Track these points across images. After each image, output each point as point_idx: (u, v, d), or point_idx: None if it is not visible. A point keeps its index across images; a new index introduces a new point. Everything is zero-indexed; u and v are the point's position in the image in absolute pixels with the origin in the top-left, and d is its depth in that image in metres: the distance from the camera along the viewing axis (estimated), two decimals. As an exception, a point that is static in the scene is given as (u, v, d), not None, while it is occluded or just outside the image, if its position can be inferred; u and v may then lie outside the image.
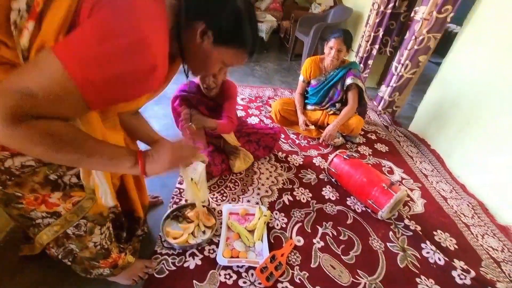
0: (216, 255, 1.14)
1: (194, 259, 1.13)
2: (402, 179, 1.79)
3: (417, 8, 2.11)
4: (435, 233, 1.42)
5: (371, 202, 1.42)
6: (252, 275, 1.10)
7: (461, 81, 1.94)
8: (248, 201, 1.46)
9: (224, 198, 1.46)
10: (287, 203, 1.48)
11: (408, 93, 2.46)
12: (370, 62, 2.91)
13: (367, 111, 2.20)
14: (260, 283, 1.07)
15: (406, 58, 2.20)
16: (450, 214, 1.56)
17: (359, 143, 2.13)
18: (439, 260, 1.26)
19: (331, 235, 1.33)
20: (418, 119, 2.35)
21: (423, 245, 1.32)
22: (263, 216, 1.31)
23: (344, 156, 1.61)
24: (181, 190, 1.46)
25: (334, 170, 1.61)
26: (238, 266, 1.12)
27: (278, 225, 1.34)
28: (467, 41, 1.91)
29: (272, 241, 1.25)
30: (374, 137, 2.23)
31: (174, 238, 1.17)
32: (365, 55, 2.90)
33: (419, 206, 1.58)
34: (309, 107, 2.18)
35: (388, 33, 2.81)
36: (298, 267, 1.16)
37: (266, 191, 1.54)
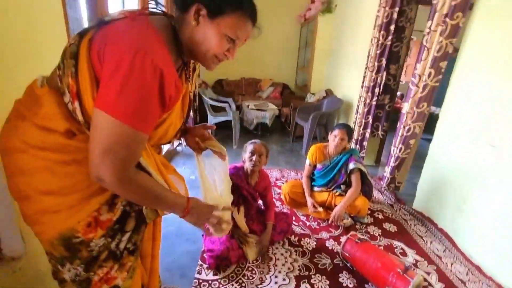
0: None
1: None
2: (416, 261, 1.80)
3: (403, 104, 2.52)
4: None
5: (390, 290, 1.42)
6: None
7: (450, 160, 2.11)
8: (266, 291, 1.46)
9: (243, 288, 1.46)
10: (306, 292, 1.47)
11: (407, 169, 2.65)
12: (365, 144, 3.23)
13: (372, 191, 2.35)
14: None
15: (399, 142, 2.50)
16: (472, 300, 1.52)
17: (368, 223, 2.20)
18: None
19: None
20: (420, 197, 2.46)
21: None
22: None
23: (356, 240, 1.68)
24: (200, 281, 1.48)
25: (348, 255, 1.65)
26: None
27: (299, 318, 1.32)
28: (446, 124, 2.17)
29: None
30: (381, 216, 2.32)
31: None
32: (359, 137, 3.25)
33: (439, 292, 1.56)
34: (316, 189, 2.34)
35: (377, 119, 3.20)
36: None
37: (284, 279, 1.54)
